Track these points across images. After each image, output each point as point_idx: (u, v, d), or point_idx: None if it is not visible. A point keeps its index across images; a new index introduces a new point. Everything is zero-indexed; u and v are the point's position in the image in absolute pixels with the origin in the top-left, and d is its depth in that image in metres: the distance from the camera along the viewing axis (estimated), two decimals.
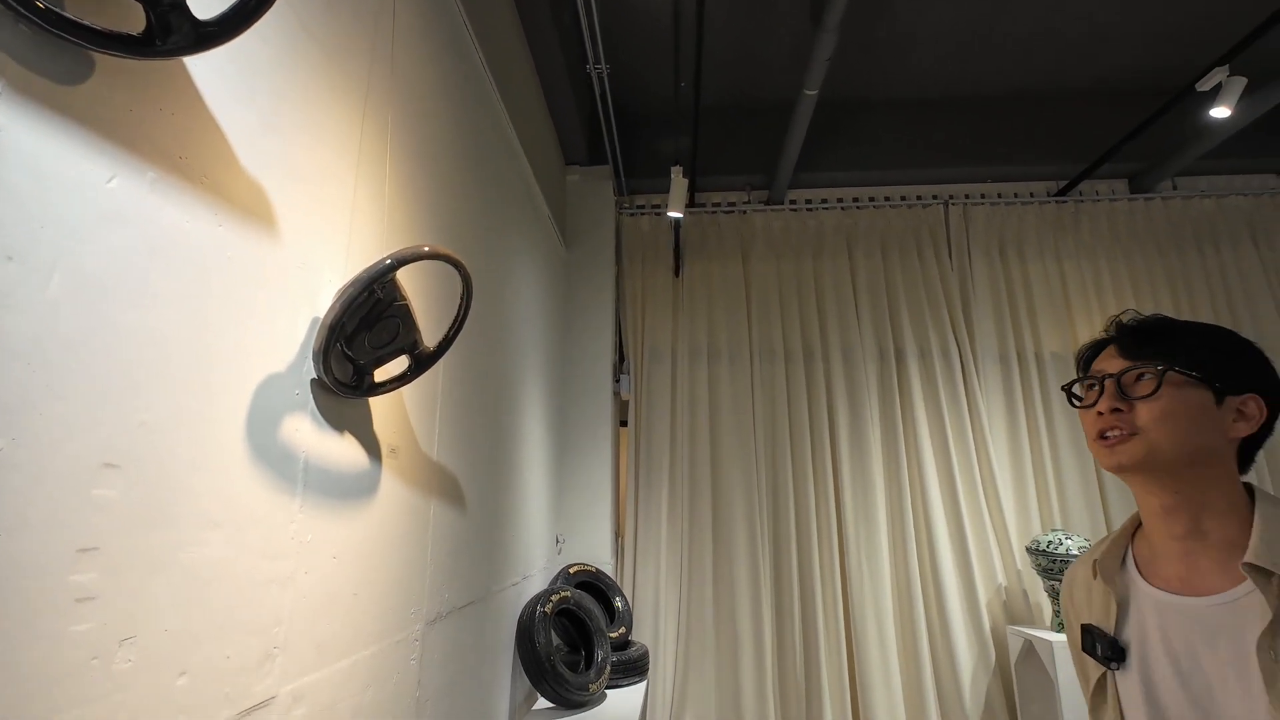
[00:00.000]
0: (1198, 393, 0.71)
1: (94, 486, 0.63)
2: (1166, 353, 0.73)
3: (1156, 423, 0.71)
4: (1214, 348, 0.73)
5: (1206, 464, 0.71)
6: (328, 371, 1.01)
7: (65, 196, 0.61)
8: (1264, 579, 0.64)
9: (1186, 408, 0.71)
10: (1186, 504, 0.72)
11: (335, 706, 1.06)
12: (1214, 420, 0.71)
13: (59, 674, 0.59)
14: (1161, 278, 3.42)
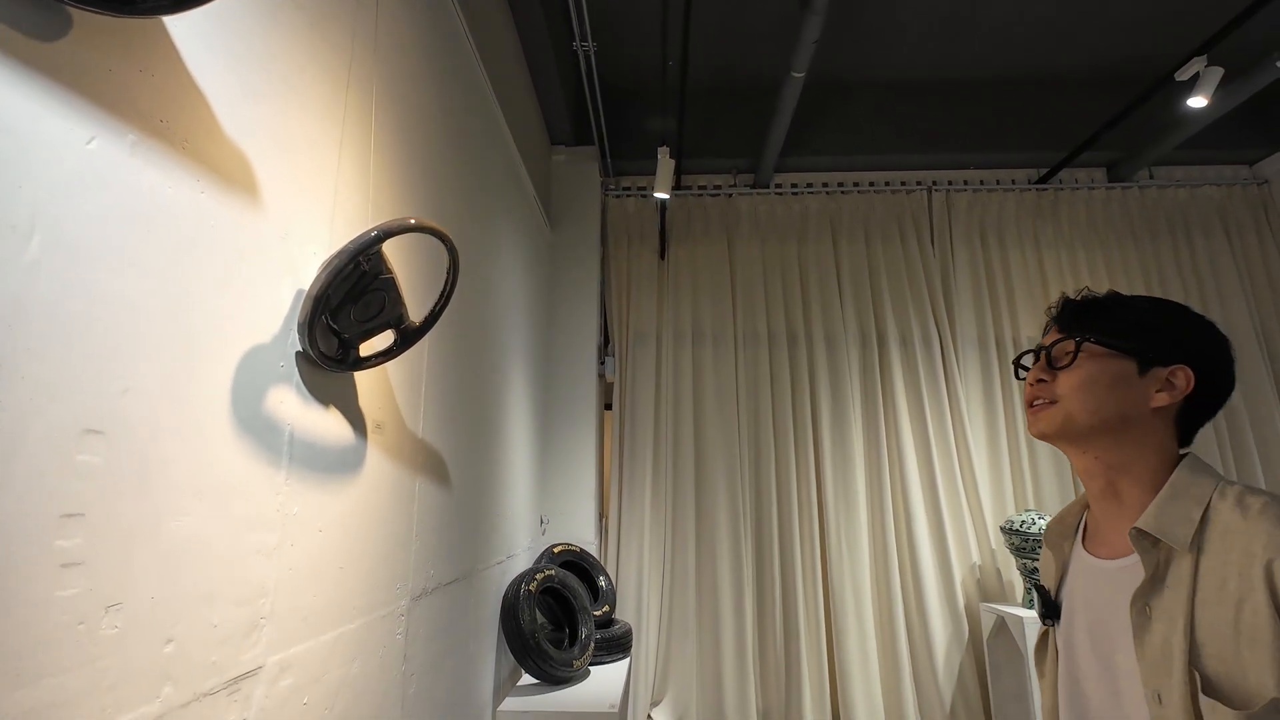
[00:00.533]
0: (1118, 363, 0.73)
1: (77, 452, 0.63)
2: (1092, 325, 0.75)
3: (1073, 392, 0.74)
4: (1145, 320, 0.74)
5: (1125, 431, 0.72)
6: (313, 344, 1.01)
7: (44, 156, 0.60)
8: (1148, 544, 0.67)
9: (1103, 377, 0.73)
10: (1103, 468, 0.74)
11: (322, 678, 1.06)
12: (1134, 390, 0.72)
13: (45, 638, 0.59)
14: (1136, 267, 3.49)
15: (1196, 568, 0.63)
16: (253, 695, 0.89)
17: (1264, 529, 0.60)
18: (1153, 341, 0.73)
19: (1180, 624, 0.61)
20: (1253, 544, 0.60)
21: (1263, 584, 0.58)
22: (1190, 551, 0.64)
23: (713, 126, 3.69)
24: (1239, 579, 0.60)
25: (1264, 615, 0.57)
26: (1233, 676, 0.58)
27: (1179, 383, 0.72)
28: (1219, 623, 0.60)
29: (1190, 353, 0.72)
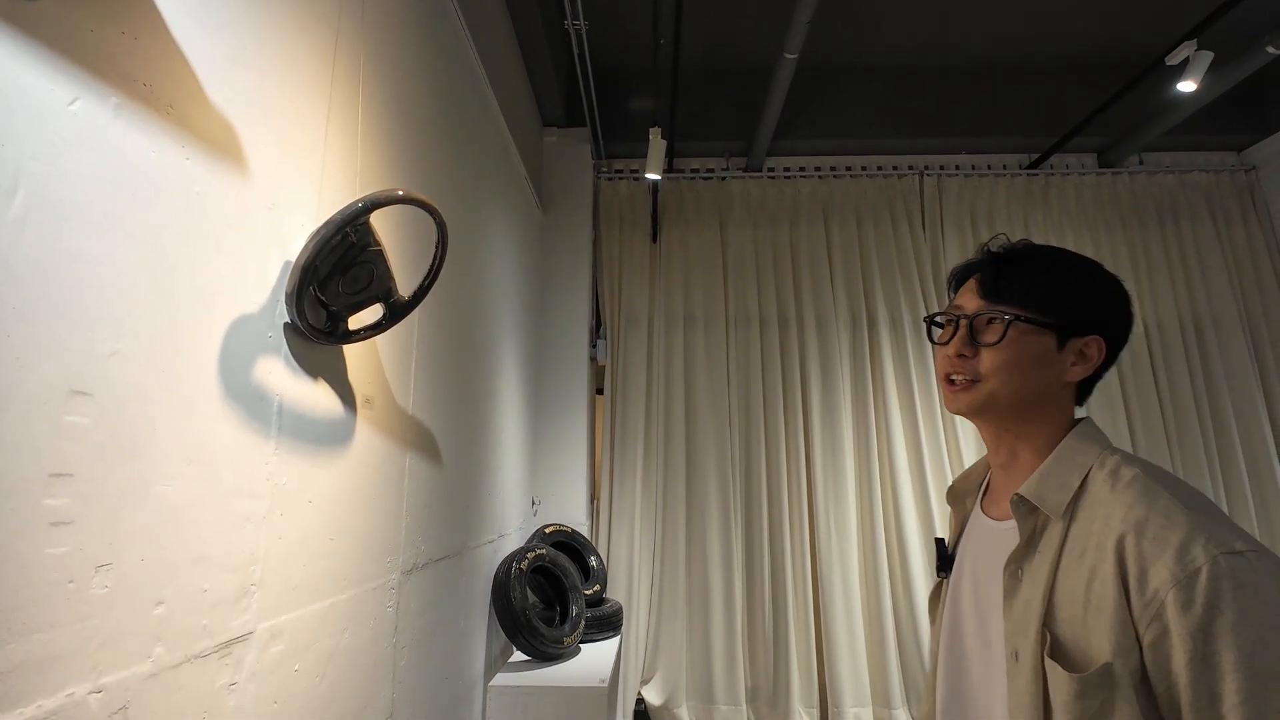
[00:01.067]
0: (1042, 339, 0.70)
1: (65, 413, 0.63)
2: (1021, 296, 0.71)
3: (997, 371, 0.71)
4: (1070, 289, 0.71)
5: (1038, 406, 0.72)
6: (301, 315, 1.01)
7: (25, 115, 0.60)
8: (1025, 510, 0.67)
9: (1028, 356, 0.70)
10: (1009, 437, 0.74)
11: (313, 645, 1.08)
12: (1053, 365, 0.70)
13: (35, 595, 0.60)
14: (1124, 253, 3.52)
15: (1066, 535, 0.64)
16: (244, 660, 0.90)
17: (1124, 502, 0.61)
18: (1073, 314, 0.70)
19: (1042, 587, 0.63)
20: (1112, 516, 0.61)
21: (1113, 556, 0.59)
22: (1063, 519, 0.65)
23: (705, 109, 3.67)
24: (1095, 549, 0.61)
25: (1110, 586, 0.58)
26: (1078, 641, 0.59)
27: (1092, 354, 0.70)
28: (1074, 589, 0.61)
29: (1104, 322, 0.71)
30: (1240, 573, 0.53)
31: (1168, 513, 0.58)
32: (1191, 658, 0.53)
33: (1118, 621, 0.57)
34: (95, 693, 0.66)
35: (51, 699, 0.61)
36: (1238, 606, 0.52)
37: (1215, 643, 0.52)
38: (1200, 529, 0.56)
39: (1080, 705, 0.57)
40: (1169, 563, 0.55)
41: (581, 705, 2.04)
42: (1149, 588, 0.56)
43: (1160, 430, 3.29)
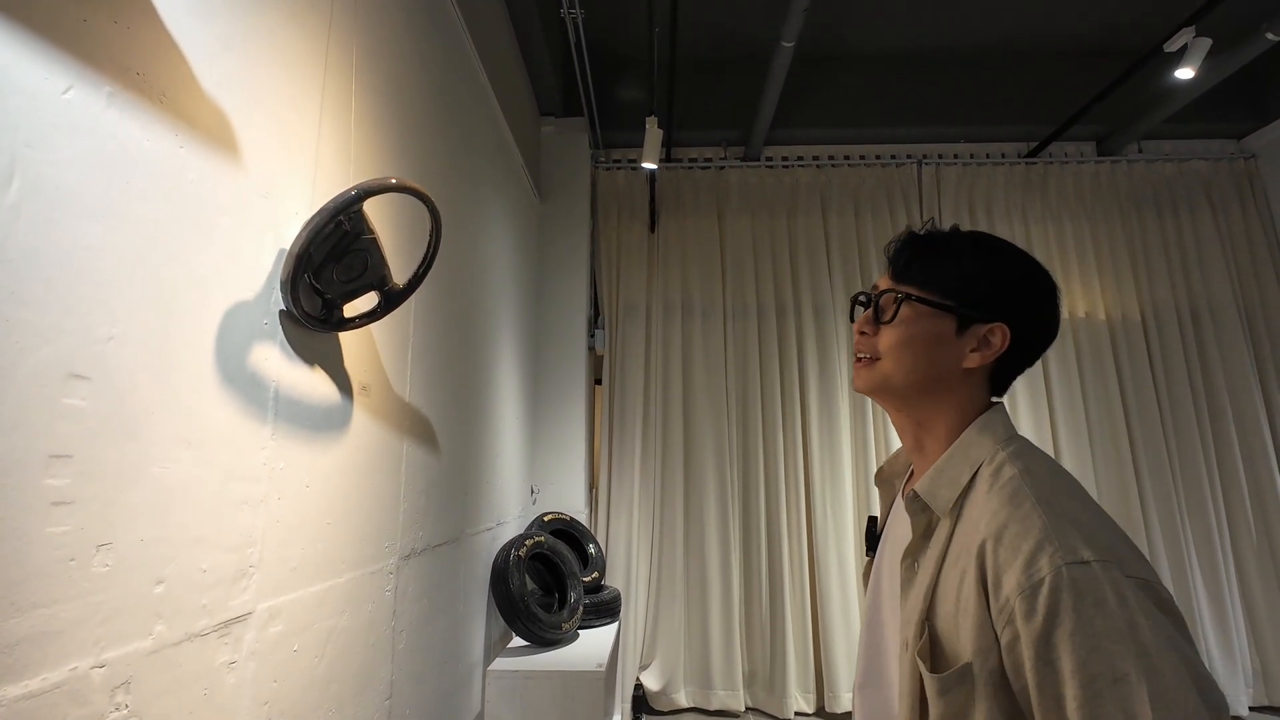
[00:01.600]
0: (938, 322, 0.69)
1: (63, 395, 0.65)
2: (923, 278, 0.71)
3: (891, 350, 0.71)
4: (971, 272, 0.70)
5: (936, 391, 0.71)
6: (296, 303, 1.02)
7: (20, 102, 0.61)
8: (919, 506, 0.68)
9: (921, 337, 0.70)
10: (912, 425, 0.74)
11: (312, 626, 1.10)
12: (950, 349, 0.69)
13: (38, 571, 0.62)
14: (1121, 241, 3.52)
15: (951, 533, 0.64)
16: (243, 639, 0.92)
17: (992, 507, 0.61)
18: (975, 299, 0.69)
19: (927, 583, 0.64)
20: (980, 520, 0.61)
21: (975, 562, 0.59)
22: (950, 516, 0.65)
23: (703, 98, 3.66)
24: (965, 553, 0.61)
25: (972, 590, 0.59)
26: (949, 639, 0.61)
27: (995, 341, 0.69)
28: (949, 588, 0.62)
29: (1010, 310, 0.69)
30: (1081, 583, 0.54)
31: (1025, 519, 0.58)
32: (1035, 663, 0.54)
33: (979, 623, 0.58)
34: (98, 667, 0.68)
35: (55, 672, 0.63)
36: (1075, 616, 0.53)
37: (1055, 650, 0.53)
38: (1051, 538, 0.56)
39: (944, 701, 0.59)
40: (1017, 572, 0.56)
41: (579, 689, 2.07)
42: (1001, 594, 0.57)
43: (1156, 418, 3.31)
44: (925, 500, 0.67)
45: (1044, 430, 3.30)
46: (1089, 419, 3.32)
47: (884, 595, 0.76)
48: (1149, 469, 3.26)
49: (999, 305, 0.69)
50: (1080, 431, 3.30)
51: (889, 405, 0.75)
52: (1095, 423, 3.32)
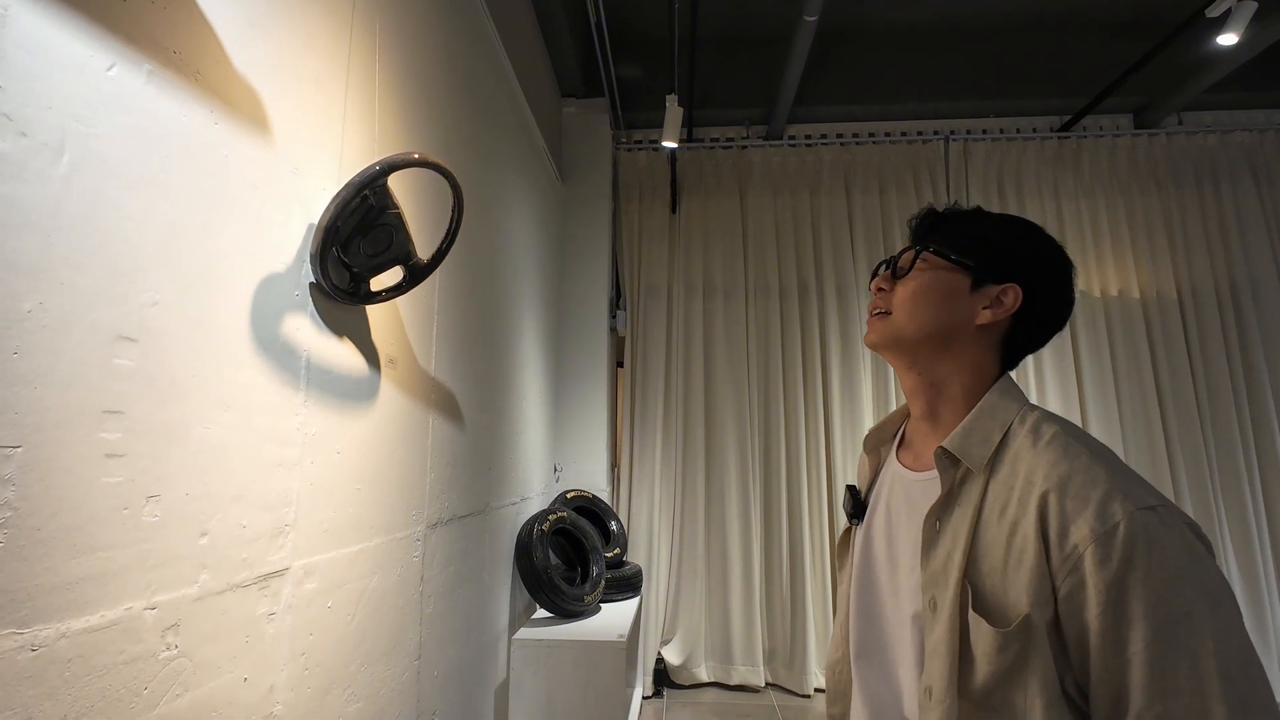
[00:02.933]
0: (952, 276, 0.71)
1: (114, 356, 0.69)
2: (940, 238, 0.73)
3: (904, 302, 0.73)
4: (989, 235, 0.72)
5: (947, 348, 0.72)
6: (325, 276, 1.06)
7: (69, 79, 0.65)
8: (948, 463, 0.68)
9: (935, 289, 0.72)
10: (926, 388, 0.74)
11: (344, 586, 1.15)
12: (962, 304, 0.71)
13: (95, 517, 0.67)
14: (1158, 217, 3.41)
15: (985, 489, 0.65)
16: (281, 593, 0.98)
17: (1048, 459, 0.62)
18: (990, 257, 0.71)
19: (963, 540, 0.64)
20: (1035, 472, 0.62)
21: (1035, 511, 0.60)
22: (983, 473, 0.66)
23: (725, 77, 3.63)
24: (1018, 504, 0.62)
25: (1031, 540, 0.60)
26: (997, 593, 0.61)
27: (1007, 300, 0.70)
28: (994, 543, 0.62)
29: (1024, 274, 0.70)
30: (1152, 528, 0.56)
31: (1088, 470, 0.60)
32: (1104, 608, 0.56)
33: (1037, 575, 0.59)
34: (150, 609, 0.73)
35: (112, 610, 0.69)
36: (1149, 560, 0.55)
37: (1127, 594, 0.55)
38: (1119, 487, 0.58)
39: (1001, 656, 0.59)
40: (1089, 519, 0.57)
41: (602, 658, 2.12)
42: (1069, 542, 0.58)
43: (1191, 400, 3.22)
44: (958, 456, 0.67)
45: (1073, 413, 3.24)
46: (1120, 401, 3.25)
47: (878, 562, 0.76)
48: (1183, 453, 3.18)
49: (1013, 268, 0.71)
50: (1111, 414, 3.23)
51: (901, 363, 0.75)
52: (1127, 405, 3.25)
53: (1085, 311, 3.34)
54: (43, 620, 0.61)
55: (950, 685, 0.61)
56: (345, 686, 1.15)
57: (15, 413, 0.59)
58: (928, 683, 0.64)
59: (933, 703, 0.62)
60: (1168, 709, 0.53)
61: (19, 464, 0.59)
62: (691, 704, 3.00)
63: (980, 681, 0.60)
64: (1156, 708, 0.53)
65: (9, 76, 0.59)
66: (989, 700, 0.60)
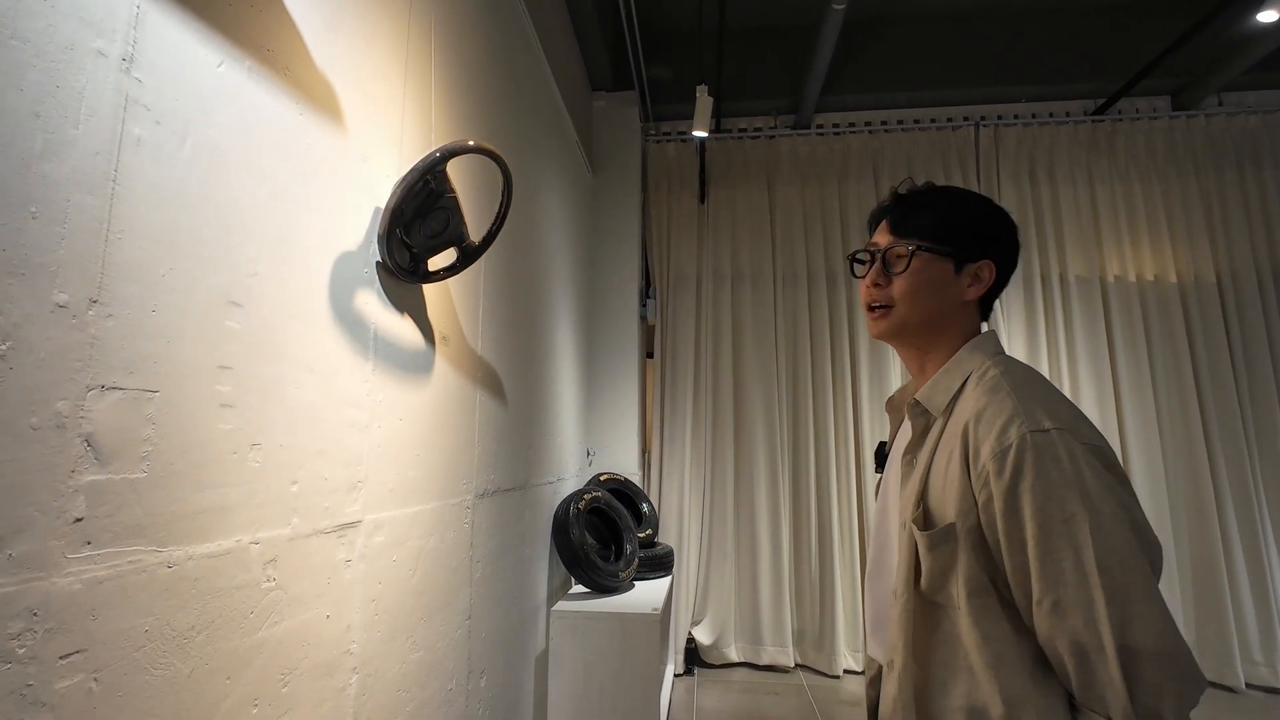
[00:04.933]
0: (941, 265, 0.81)
1: (225, 318, 0.79)
2: (923, 229, 0.82)
3: (905, 297, 0.82)
4: (964, 220, 0.82)
5: (941, 325, 0.83)
6: (390, 255, 1.16)
7: (189, 73, 0.74)
8: (918, 411, 0.80)
9: (930, 281, 0.81)
10: (919, 353, 0.86)
11: (406, 543, 1.25)
12: (952, 287, 0.82)
13: (212, 458, 0.77)
14: (1196, 199, 3.36)
15: (943, 430, 0.77)
16: (355, 542, 1.07)
17: (975, 396, 0.74)
18: (966, 241, 0.81)
19: (921, 470, 0.77)
20: (965, 409, 0.74)
21: (960, 439, 0.72)
22: (943, 416, 0.78)
23: (752, 68, 3.66)
24: (952, 436, 0.74)
25: (956, 463, 0.72)
26: (939, 509, 0.74)
27: (985, 276, 0.82)
28: (937, 470, 0.75)
29: (992, 246, 0.82)
30: (1040, 445, 0.67)
31: (1000, 402, 0.71)
32: (1003, 513, 0.68)
33: (961, 491, 0.71)
34: (254, 543, 0.83)
35: (227, 540, 0.78)
36: (1035, 471, 0.66)
37: (1019, 500, 0.67)
38: (1019, 413, 0.69)
39: (932, 556, 0.73)
40: (991, 440, 0.69)
41: (636, 630, 2.21)
42: (980, 462, 0.70)
43: (1230, 387, 3.17)
44: (924, 405, 0.81)
45: (1107, 402, 3.22)
46: (1156, 388, 3.22)
47: (890, 497, 0.87)
48: (1223, 443, 3.13)
49: (983, 244, 0.83)
50: (1147, 402, 3.20)
51: (904, 345, 0.87)
52: (1164, 393, 3.21)
53: (1120, 297, 3.31)
54: (176, 543, 0.71)
55: (906, 584, 0.75)
56: (408, 635, 1.25)
57: (154, 362, 0.69)
58: (894, 585, 0.78)
59: (896, 599, 0.77)
60: (1059, 597, 0.64)
61: (157, 406, 0.69)
62: (722, 682, 3.08)
63: (925, 580, 0.74)
64: (1051, 595, 0.65)
65: (147, 71, 0.68)
66: (934, 595, 0.74)
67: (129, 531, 0.65)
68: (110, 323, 0.64)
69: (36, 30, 0.57)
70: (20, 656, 0.55)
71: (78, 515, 0.60)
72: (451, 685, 1.45)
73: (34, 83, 0.57)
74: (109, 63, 0.64)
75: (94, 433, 0.62)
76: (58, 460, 0.58)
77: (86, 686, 0.61)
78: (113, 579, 0.63)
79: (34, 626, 0.56)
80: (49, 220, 0.58)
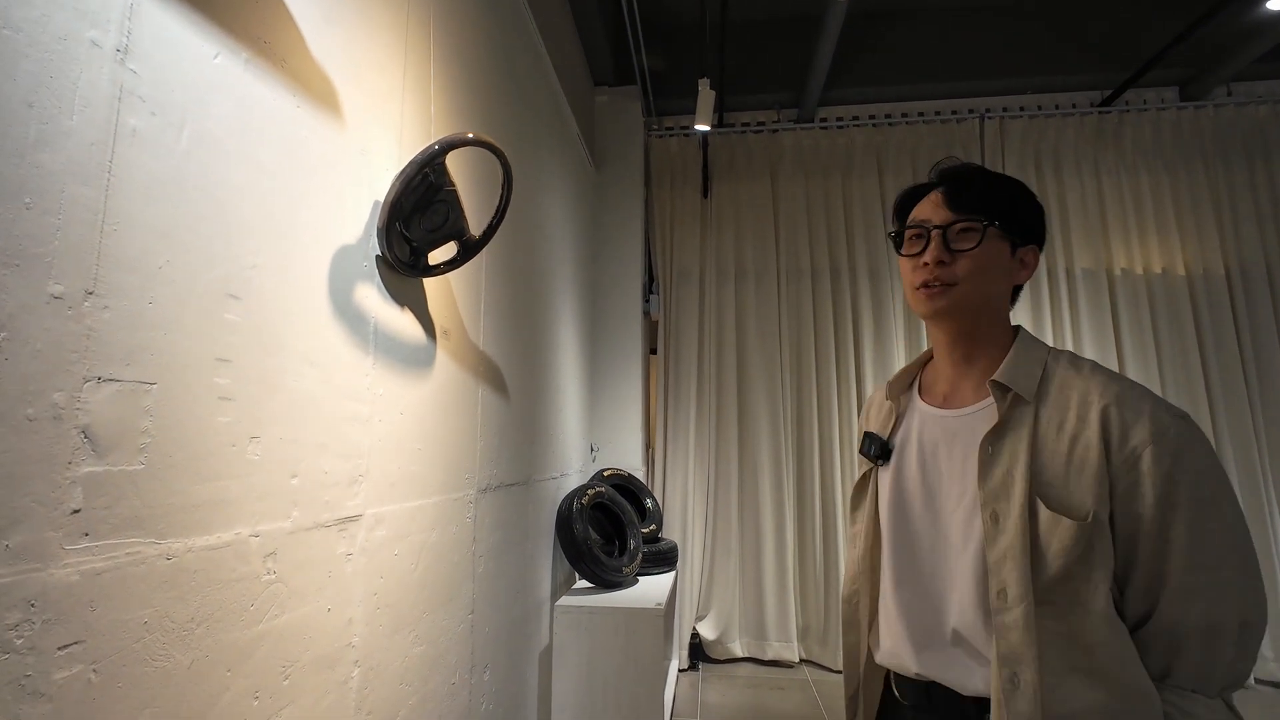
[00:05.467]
0: (1002, 245, 0.80)
1: (224, 311, 0.79)
2: (987, 206, 0.79)
3: (971, 275, 0.79)
4: (1019, 203, 0.81)
5: (992, 306, 0.81)
6: (389, 248, 1.15)
7: (186, 66, 0.74)
8: (1001, 393, 0.77)
9: (995, 260, 0.80)
10: (967, 337, 0.83)
11: (408, 537, 1.25)
12: (1007, 270, 0.81)
13: (211, 450, 0.77)
14: (1205, 191, 3.32)
15: (1037, 414, 0.75)
16: (356, 536, 1.07)
17: (1099, 381, 0.74)
18: (1021, 225, 0.81)
19: (1022, 458, 0.73)
20: (1090, 393, 0.73)
21: (1097, 423, 0.71)
22: (1033, 401, 0.76)
23: (755, 61, 3.65)
24: (1076, 420, 0.73)
25: (1094, 449, 0.71)
26: (1061, 498, 0.71)
27: (1030, 262, 0.82)
28: (1054, 456, 0.73)
29: (1037, 233, 0.82)
30: (1188, 433, 0.71)
31: (1134, 389, 0.73)
32: (1158, 498, 0.69)
33: (1098, 476, 0.70)
34: (254, 536, 0.83)
35: (226, 533, 0.78)
36: (1190, 456, 0.69)
37: (1175, 486, 0.69)
38: (1159, 402, 0.72)
39: (1074, 549, 0.70)
40: (1146, 425, 0.70)
41: (640, 625, 2.21)
42: (1129, 445, 0.70)
43: (1239, 379, 3.14)
44: (1009, 385, 0.77)
45: None
46: (1165, 382, 3.19)
47: (911, 496, 0.83)
48: (1231, 437, 3.11)
49: (1032, 229, 0.82)
50: None
51: (954, 324, 0.82)
52: (1171, 386, 3.18)
53: (1127, 291, 3.28)
54: (174, 535, 0.71)
55: (1027, 584, 0.69)
56: (411, 629, 1.25)
57: (152, 354, 0.69)
58: (1000, 586, 0.71)
59: (1009, 604, 0.70)
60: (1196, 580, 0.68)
61: (155, 398, 0.69)
62: (726, 677, 3.08)
63: (1048, 577, 0.69)
64: (1194, 577, 0.68)
65: (142, 62, 0.68)
66: (1051, 595, 0.70)
67: (127, 523, 0.65)
68: (107, 314, 0.63)
69: (30, 20, 0.57)
70: (18, 647, 0.55)
71: (75, 507, 0.60)
72: (455, 679, 1.45)
73: (28, 73, 0.57)
74: (103, 53, 0.64)
75: (91, 424, 0.62)
76: (55, 451, 0.58)
77: (85, 677, 0.61)
78: (111, 570, 0.63)
79: (32, 617, 0.56)
80: (44, 211, 0.58)
